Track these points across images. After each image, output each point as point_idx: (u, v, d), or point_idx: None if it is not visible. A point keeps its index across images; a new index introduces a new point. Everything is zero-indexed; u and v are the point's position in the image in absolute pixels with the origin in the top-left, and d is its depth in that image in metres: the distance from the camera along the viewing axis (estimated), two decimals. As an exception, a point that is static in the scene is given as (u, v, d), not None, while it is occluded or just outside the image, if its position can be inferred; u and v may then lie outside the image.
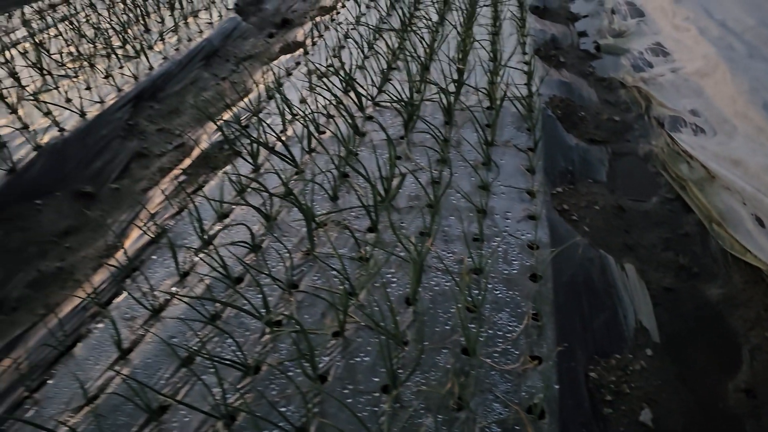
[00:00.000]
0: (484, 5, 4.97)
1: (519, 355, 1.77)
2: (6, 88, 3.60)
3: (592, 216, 2.57)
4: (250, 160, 2.82)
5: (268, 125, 2.95)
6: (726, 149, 2.82)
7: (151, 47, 4.39)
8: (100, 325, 1.99)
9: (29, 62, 3.92)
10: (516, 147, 2.87)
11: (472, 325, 1.86)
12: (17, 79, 3.72)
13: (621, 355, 1.91)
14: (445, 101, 3.15)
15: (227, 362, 1.73)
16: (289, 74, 3.96)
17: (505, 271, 2.09)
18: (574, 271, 2.19)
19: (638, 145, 3.17)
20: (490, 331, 1.85)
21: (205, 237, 2.32)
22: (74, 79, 3.82)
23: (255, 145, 2.80)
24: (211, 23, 4.95)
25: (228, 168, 2.82)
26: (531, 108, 3.18)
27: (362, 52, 4.03)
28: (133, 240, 2.44)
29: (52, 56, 4.24)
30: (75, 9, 5.40)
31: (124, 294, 2.10)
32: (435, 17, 4.73)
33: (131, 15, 5.01)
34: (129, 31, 4.67)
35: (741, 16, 4.06)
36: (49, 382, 1.80)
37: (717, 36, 3.83)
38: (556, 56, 4.19)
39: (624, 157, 3.07)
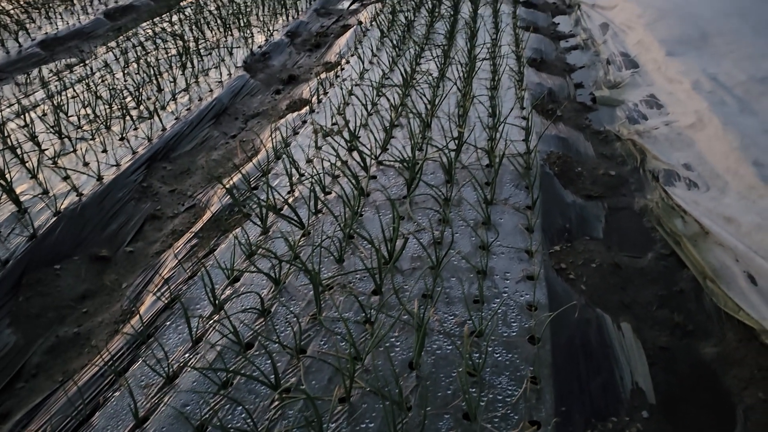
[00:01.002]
0: (484, 59, 5.16)
1: (518, 420, 1.84)
2: (26, 152, 3.77)
3: (589, 274, 2.66)
4: (259, 223, 2.94)
5: (274, 188, 3.08)
6: (718, 205, 2.92)
7: (163, 107, 4.58)
8: (117, 393, 2.08)
9: (48, 125, 4.11)
10: (515, 205, 2.98)
11: (473, 389, 1.93)
12: (37, 143, 3.90)
13: (618, 418, 1.97)
14: (445, 159, 3.29)
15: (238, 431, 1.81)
16: (296, 133, 4.12)
17: (505, 334, 2.17)
18: (571, 332, 2.27)
19: (634, 200, 3.27)
20: (490, 395, 1.93)
21: (217, 302, 2.42)
22: (91, 141, 3.99)
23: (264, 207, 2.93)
24: (220, 81, 5.16)
25: (238, 231, 2.94)
26: (529, 165, 3.30)
27: (366, 109, 4.19)
28: (148, 305, 2.55)
29: (70, 118, 4.43)
30: (91, 70, 5.64)
31: (140, 361, 2.20)
32: (436, 72, 4.91)
33: (144, 75, 5.23)
34: (142, 91, 4.87)
35: (732, 70, 4.20)
36: (69, 452, 1.89)
37: (709, 90, 3.97)
38: (553, 110, 4.34)
39: (620, 211, 3.17)
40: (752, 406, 2.01)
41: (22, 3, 8.19)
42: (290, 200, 3.18)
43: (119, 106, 4.44)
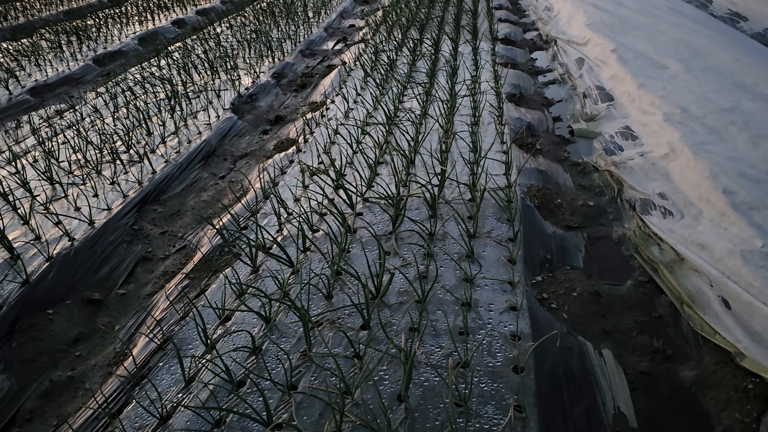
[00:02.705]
0: (464, 96, 5.32)
1: (504, 448, 1.90)
2: (19, 199, 3.83)
3: (571, 303, 2.74)
4: (249, 262, 3.01)
5: (263, 227, 3.16)
6: (692, 233, 3.03)
7: (153, 151, 4.68)
8: (112, 435, 2.12)
9: (39, 171, 4.18)
10: (497, 238, 3.07)
11: (460, 419, 1.99)
12: (28, 189, 3.96)
13: (601, 443, 2.04)
14: (429, 195, 3.39)
15: (232, 468, 1.85)
16: (283, 172, 4.23)
17: (490, 364, 2.24)
18: (554, 361, 2.34)
19: (612, 229, 3.38)
20: (477, 425, 1.99)
21: (208, 342, 2.47)
22: (82, 186, 4.07)
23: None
24: (209, 124, 5.28)
25: (228, 270, 3.00)
26: (510, 199, 3.42)
27: (351, 147, 4.31)
28: (141, 347, 2.59)
29: (61, 164, 4.51)
30: (81, 115, 5.74)
31: (134, 403, 2.24)
32: (418, 110, 5.06)
33: (134, 119, 5.34)
34: (132, 135, 4.98)
35: (701, 101, 4.38)
36: (64, 495, 1.91)
37: (680, 121, 4.14)
38: (532, 143, 4.48)
39: (599, 241, 3.28)
40: (730, 427, 2.09)
41: (11, 51, 8.33)
42: (279, 239, 3.25)
43: (109, 151, 4.53)
